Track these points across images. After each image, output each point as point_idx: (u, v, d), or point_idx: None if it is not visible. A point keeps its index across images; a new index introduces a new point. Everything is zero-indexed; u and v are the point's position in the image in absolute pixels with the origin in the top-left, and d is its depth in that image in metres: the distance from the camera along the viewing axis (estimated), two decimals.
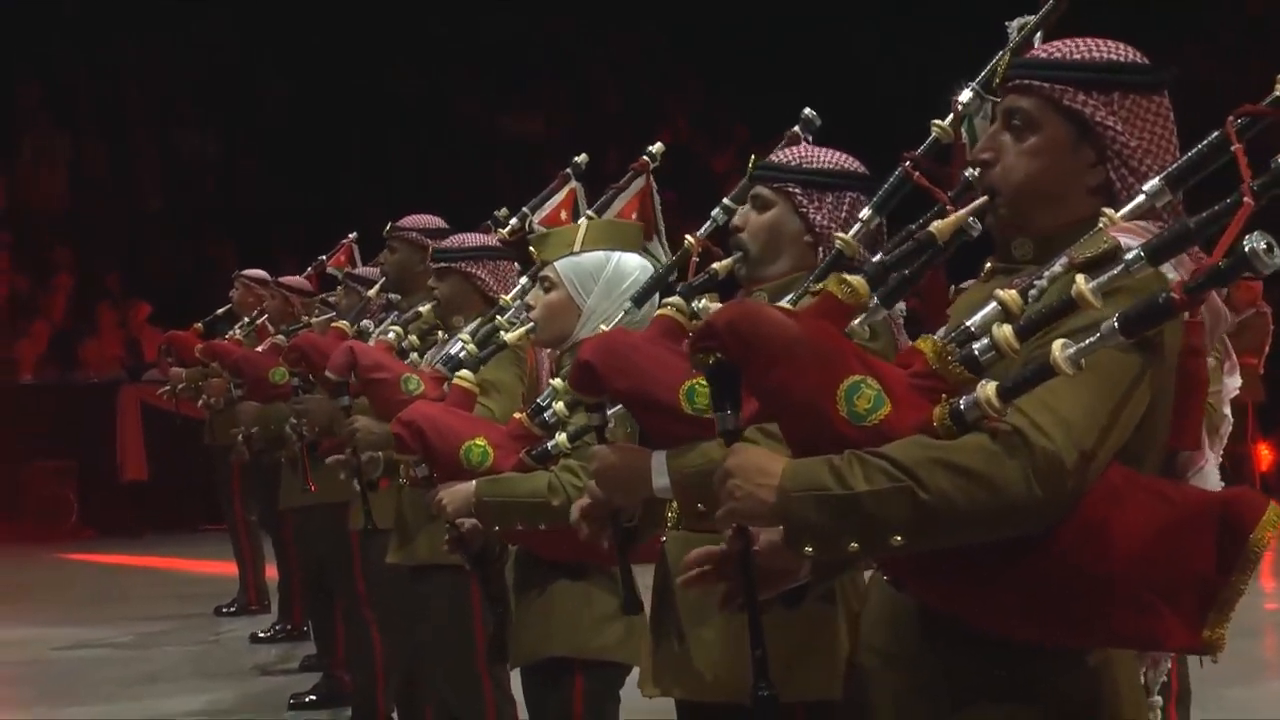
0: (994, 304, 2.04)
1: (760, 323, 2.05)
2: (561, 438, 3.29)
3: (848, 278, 2.25)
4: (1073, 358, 1.89)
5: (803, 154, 2.98)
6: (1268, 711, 6.38)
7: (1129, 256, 1.94)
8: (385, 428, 4.33)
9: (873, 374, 2.02)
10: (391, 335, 4.63)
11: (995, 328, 1.97)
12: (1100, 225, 2.10)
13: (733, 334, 2.06)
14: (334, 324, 5.35)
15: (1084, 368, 1.90)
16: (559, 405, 3.32)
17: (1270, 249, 1.82)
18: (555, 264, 3.48)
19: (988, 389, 1.93)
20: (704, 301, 3.02)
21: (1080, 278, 1.93)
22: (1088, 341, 1.89)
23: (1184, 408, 1.99)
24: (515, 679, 4.24)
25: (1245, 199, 1.92)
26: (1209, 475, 2.16)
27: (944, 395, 1.99)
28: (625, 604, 3.08)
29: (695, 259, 3.17)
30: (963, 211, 2.28)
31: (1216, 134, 2.07)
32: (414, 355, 4.57)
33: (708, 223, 3.36)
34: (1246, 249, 1.81)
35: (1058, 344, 1.90)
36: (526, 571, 3.59)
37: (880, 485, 1.94)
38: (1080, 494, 1.94)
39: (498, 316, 4.09)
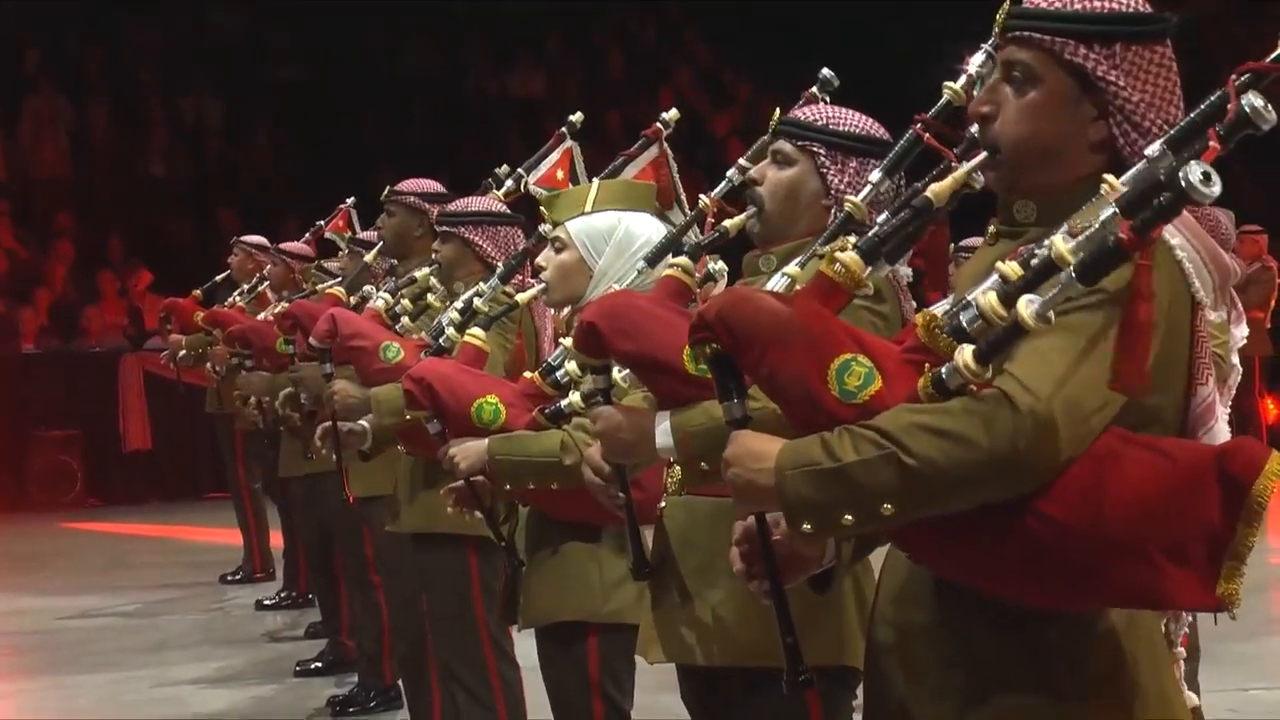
0: (995, 276, 2.00)
1: (749, 311, 2.04)
2: (575, 397, 3.28)
3: (839, 256, 2.22)
4: (1039, 312, 1.87)
5: (831, 114, 2.91)
6: (1273, 667, 6.37)
7: (1105, 214, 1.90)
8: (364, 393, 4.34)
9: (865, 351, 2.01)
10: (380, 303, 4.61)
11: (980, 295, 1.95)
12: (1102, 192, 2.05)
13: (722, 324, 2.06)
14: (329, 290, 5.33)
15: (1064, 326, 1.88)
16: (571, 365, 3.31)
17: (1207, 177, 1.79)
18: (566, 225, 3.45)
19: (964, 353, 1.91)
20: (719, 264, 2.97)
21: (1058, 237, 1.90)
22: (1050, 294, 1.87)
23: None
24: (521, 641, 4.24)
25: (1211, 143, 1.88)
26: (1220, 433, 2.12)
27: (928, 366, 1.97)
28: (634, 569, 3.05)
29: (711, 220, 3.12)
30: (960, 171, 2.24)
31: (1218, 94, 2.01)
32: (405, 320, 4.55)
33: (723, 183, 3.30)
34: (1183, 180, 1.79)
35: (1023, 300, 1.88)
36: (538, 535, 3.59)
37: (867, 454, 1.93)
38: (1068, 449, 1.91)
39: (480, 283, 4.07)
